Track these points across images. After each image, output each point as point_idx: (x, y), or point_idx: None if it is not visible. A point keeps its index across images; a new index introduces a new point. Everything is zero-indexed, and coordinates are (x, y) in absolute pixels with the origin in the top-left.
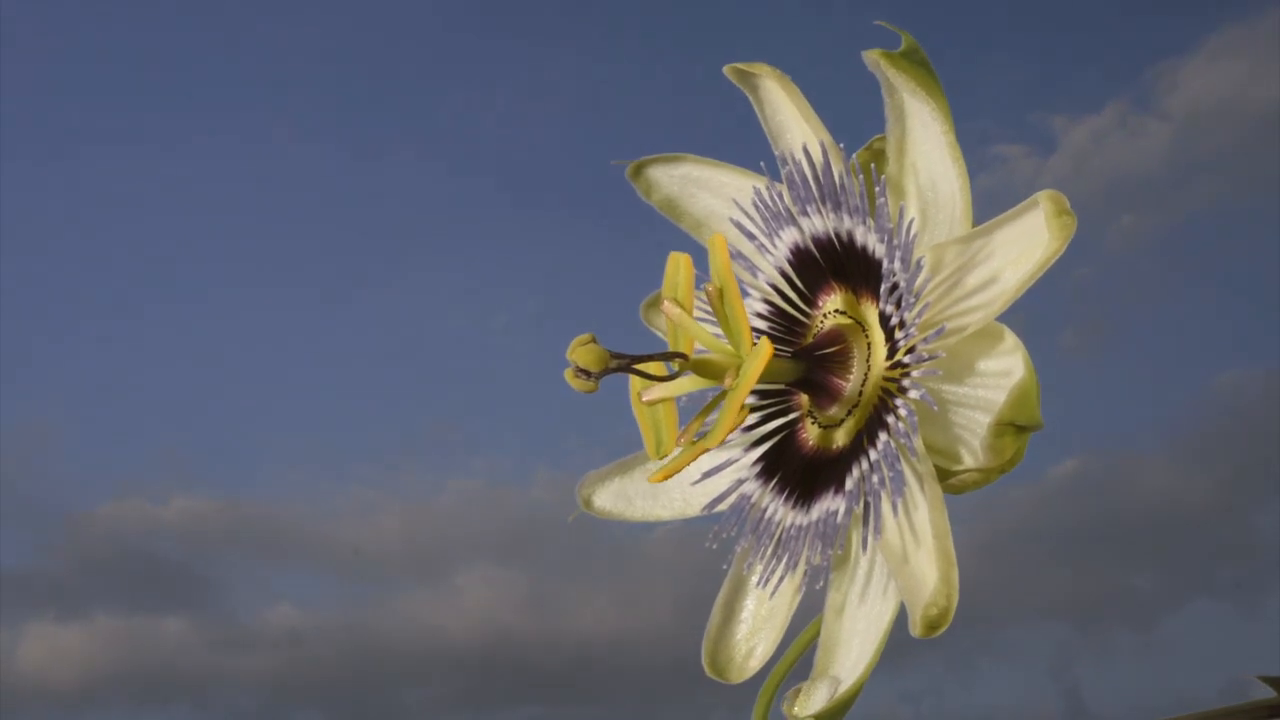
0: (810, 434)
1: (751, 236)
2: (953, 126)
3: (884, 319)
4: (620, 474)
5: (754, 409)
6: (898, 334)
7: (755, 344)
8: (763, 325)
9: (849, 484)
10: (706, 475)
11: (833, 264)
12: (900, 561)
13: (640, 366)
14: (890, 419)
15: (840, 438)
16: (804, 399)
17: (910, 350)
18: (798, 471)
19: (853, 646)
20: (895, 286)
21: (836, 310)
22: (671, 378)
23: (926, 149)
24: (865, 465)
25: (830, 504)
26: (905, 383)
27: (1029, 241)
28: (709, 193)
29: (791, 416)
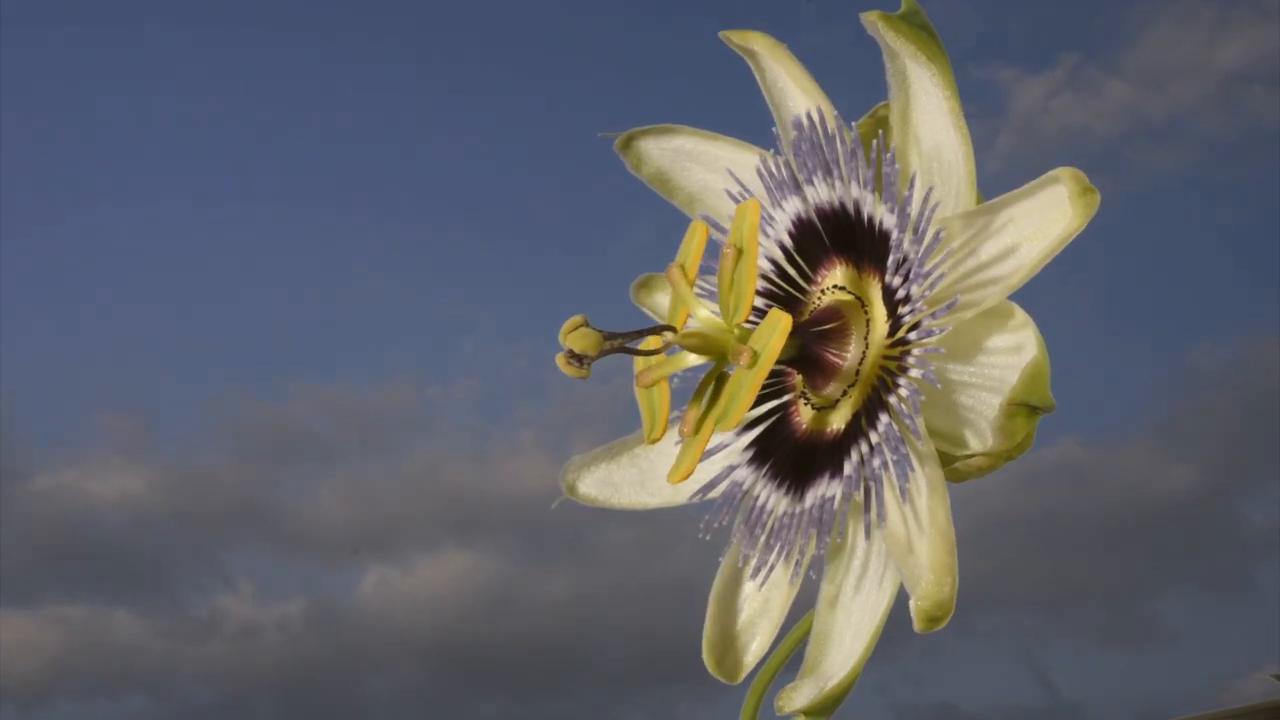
0: (804, 416)
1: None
2: (956, 92)
3: (889, 293)
4: (606, 460)
5: None
6: (902, 309)
7: (749, 319)
8: (758, 302)
9: (848, 468)
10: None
11: (836, 236)
12: (905, 551)
13: (636, 345)
14: (892, 399)
15: (836, 420)
16: (797, 379)
17: (914, 327)
18: (791, 456)
19: (845, 640)
20: (904, 259)
21: (836, 286)
22: (664, 353)
23: (930, 116)
24: (865, 448)
25: (826, 490)
26: (909, 360)
27: (1048, 216)
28: (703, 166)
29: (784, 399)
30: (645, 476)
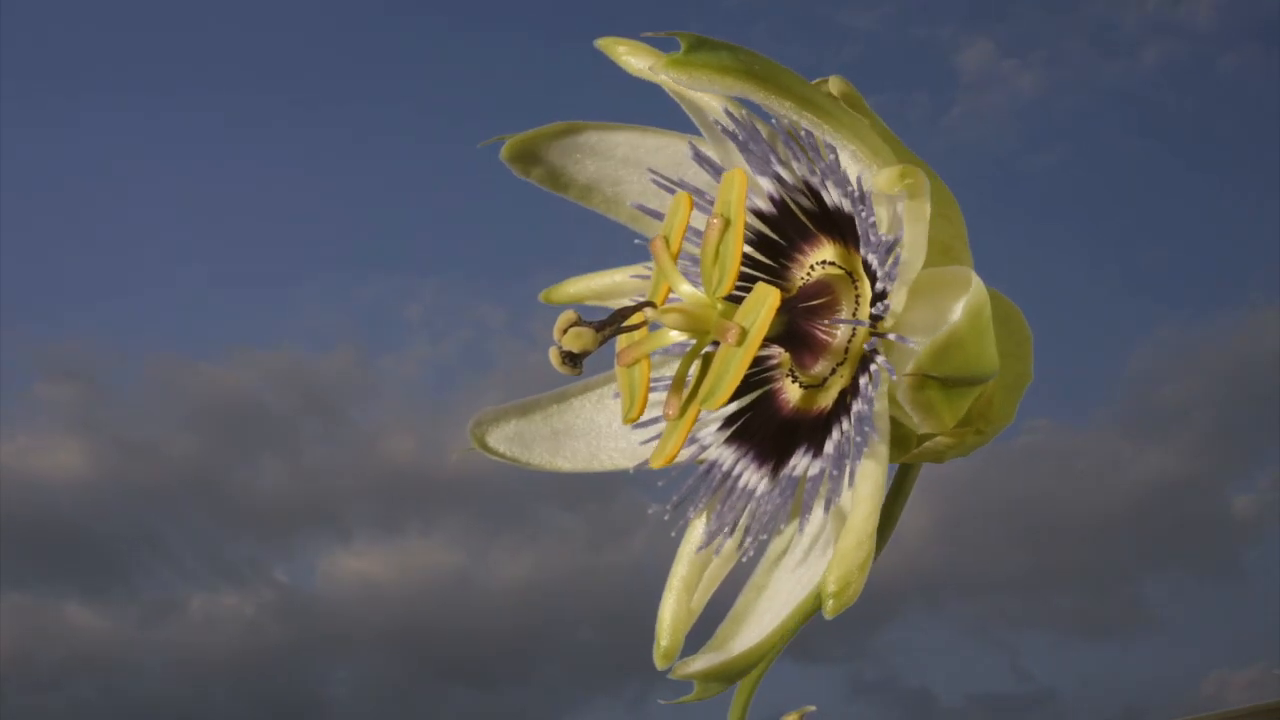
0: (791, 394)
1: (702, 193)
2: (795, 94)
3: (868, 267)
4: (518, 415)
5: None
6: (878, 283)
7: (728, 297)
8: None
9: (829, 447)
10: (641, 426)
11: (816, 217)
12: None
13: (627, 324)
14: (862, 379)
15: (824, 399)
16: (784, 358)
17: (882, 298)
18: (774, 433)
19: (763, 621)
20: (869, 235)
21: (826, 261)
22: (644, 329)
23: (799, 120)
24: (846, 426)
25: (804, 467)
26: (890, 336)
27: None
28: (597, 157)
29: (766, 374)
30: (559, 438)
